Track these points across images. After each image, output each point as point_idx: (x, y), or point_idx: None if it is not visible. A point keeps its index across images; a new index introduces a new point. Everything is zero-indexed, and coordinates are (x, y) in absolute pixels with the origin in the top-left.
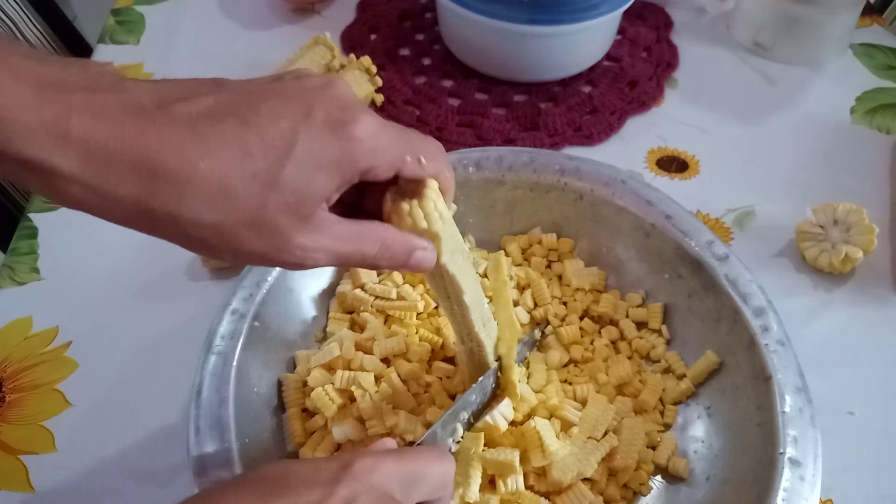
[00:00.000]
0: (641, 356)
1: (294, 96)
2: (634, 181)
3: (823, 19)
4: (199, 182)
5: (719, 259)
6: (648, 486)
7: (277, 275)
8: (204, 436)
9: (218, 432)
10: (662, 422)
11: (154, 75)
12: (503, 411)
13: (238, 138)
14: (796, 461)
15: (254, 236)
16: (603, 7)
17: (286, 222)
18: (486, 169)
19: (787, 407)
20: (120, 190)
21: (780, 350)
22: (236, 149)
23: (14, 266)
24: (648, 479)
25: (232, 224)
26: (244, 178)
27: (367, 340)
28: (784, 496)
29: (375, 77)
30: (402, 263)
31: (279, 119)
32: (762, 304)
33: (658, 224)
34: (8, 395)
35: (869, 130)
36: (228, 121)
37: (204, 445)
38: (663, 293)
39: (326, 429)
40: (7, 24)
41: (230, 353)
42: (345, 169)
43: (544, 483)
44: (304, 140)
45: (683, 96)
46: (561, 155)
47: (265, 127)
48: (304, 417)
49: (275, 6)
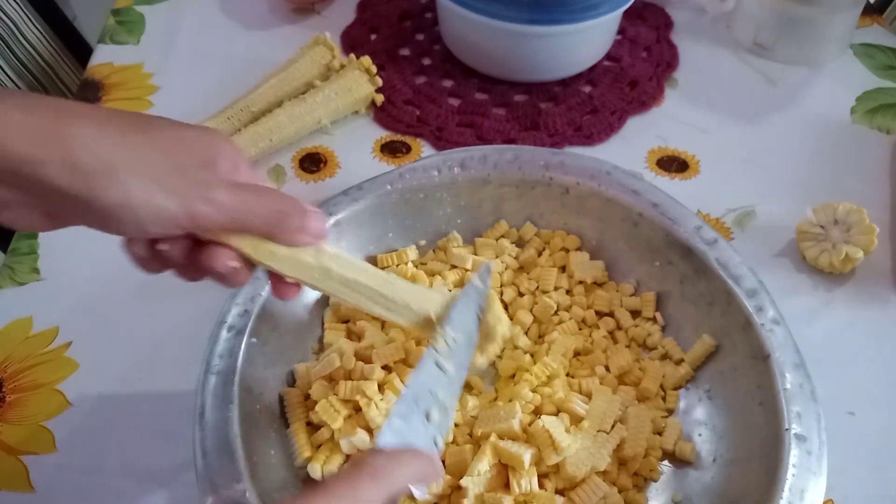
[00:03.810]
0: (639, 344)
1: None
2: (619, 172)
3: (823, 19)
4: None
5: (708, 243)
6: (658, 472)
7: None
8: (211, 459)
9: (226, 454)
10: (665, 407)
11: (154, 75)
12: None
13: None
14: (802, 436)
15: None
16: (603, 7)
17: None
18: (470, 168)
19: (788, 384)
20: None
21: (776, 329)
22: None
23: (14, 266)
24: (658, 465)
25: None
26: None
27: (365, 349)
28: (793, 472)
29: (375, 77)
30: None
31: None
32: (754, 285)
33: (646, 213)
34: (8, 396)
35: (869, 130)
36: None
37: (212, 468)
38: (655, 280)
39: (334, 441)
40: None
41: (230, 372)
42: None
43: (558, 479)
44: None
45: (683, 96)
46: (545, 151)
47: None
48: (310, 431)
49: (275, 6)
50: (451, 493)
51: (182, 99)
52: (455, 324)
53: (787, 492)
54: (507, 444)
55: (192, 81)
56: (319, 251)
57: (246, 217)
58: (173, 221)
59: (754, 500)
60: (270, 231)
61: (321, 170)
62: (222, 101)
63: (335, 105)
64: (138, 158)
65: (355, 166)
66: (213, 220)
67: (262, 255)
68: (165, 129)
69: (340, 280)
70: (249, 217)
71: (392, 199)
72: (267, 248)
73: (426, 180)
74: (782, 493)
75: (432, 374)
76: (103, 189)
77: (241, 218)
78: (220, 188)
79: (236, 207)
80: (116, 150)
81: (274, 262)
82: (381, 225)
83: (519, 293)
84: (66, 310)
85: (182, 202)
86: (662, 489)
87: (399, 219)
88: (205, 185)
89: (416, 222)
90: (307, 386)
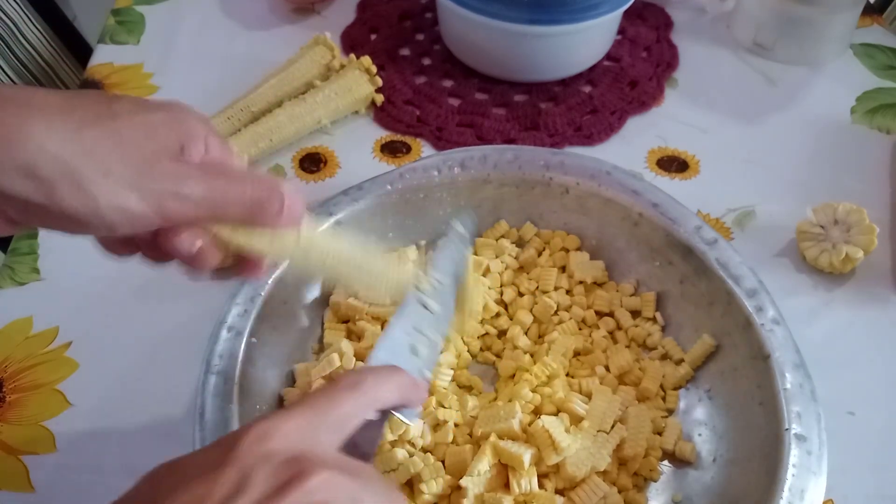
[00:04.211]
0: (639, 344)
1: None
2: (619, 172)
3: (823, 19)
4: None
5: (708, 243)
6: (658, 472)
7: (271, 288)
8: None
9: None
10: (665, 407)
11: (154, 75)
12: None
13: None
14: (802, 436)
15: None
16: (603, 7)
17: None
18: (470, 168)
19: (788, 384)
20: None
21: (776, 329)
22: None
23: (14, 266)
24: (658, 464)
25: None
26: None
27: (365, 349)
28: (794, 472)
29: (375, 77)
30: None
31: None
32: (754, 284)
33: (646, 213)
34: (8, 396)
35: (869, 130)
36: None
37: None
38: (655, 280)
39: None
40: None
41: (230, 372)
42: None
43: (558, 479)
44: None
45: (683, 96)
46: (545, 151)
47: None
48: None
49: (275, 6)
50: (451, 493)
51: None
52: (438, 266)
53: (787, 492)
54: (507, 444)
55: (192, 81)
56: (297, 229)
57: (222, 209)
58: (144, 221)
59: (754, 500)
60: (249, 219)
61: (321, 170)
62: (222, 101)
63: (335, 105)
64: (102, 158)
65: (355, 166)
66: (188, 216)
67: (241, 238)
68: (130, 115)
69: (320, 256)
70: (226, 208)
71: (392, 199)
72: (244, 230)
73: (426, 180)
74: (782, 493)
75: (417, 313)
76: (65, 196)
77: (217, 210)
78: (191, 180)
79: (211, 199)
80: (76, 150)
81: (253, 243)
82: (381, 225)
83: (519, 293)
84: (66, 310)
85: (152, 201)
86: (662, 489)
87: (399, 219)
88: (175, 179)
89: (416, 222)
90: (307, 386)
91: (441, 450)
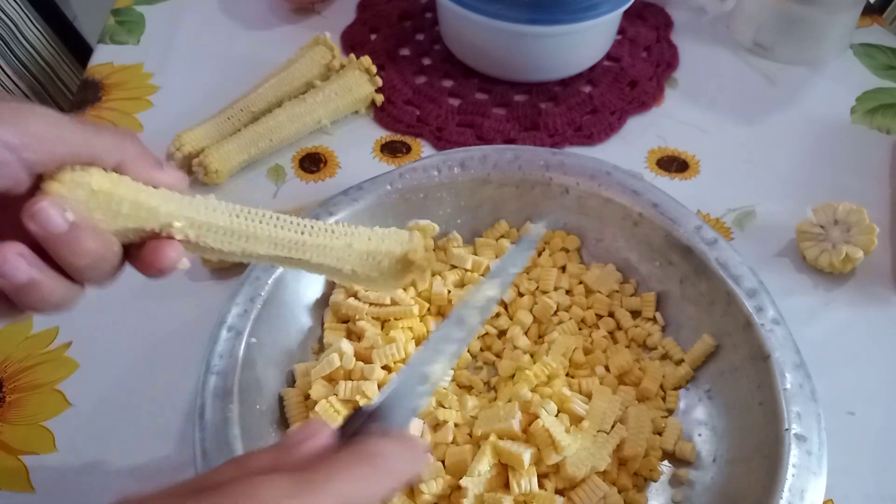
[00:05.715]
0: (639, 344)
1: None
2: (619, 172)
3: (823, 19)
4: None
5: (708, 243)
6: (658, 472)
7: (271, 289)
8: (212, 458)
9: (226, 454)
10: (665, 407)
11: (154, 75)
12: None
13: None
14: (802, 437)
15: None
16: (603, 7)
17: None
18: (471, 168)
19: (788, 384)
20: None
21: (776, 329)
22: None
23: None
24: (658, 464)
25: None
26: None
27: (366, 349)
28: (793, 472)
29: (375, 77)
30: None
31: None
32: (754, 285)
33: (646, 213)
34: (8, 396)
35: (869, 130)
36: None
37: (212, 468)
38: (655, 280)
39: None
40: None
41: (230, 372)
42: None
43: (558, 479)
44: None
45: (683, 96)
46: (545, 151)
47: None
48: None
49: (275, 6)
50: (451, 493)
51: (182, 99)
52: (495, 279)
53: (787, 492)
54: (506, 443)
55: (192, 81)
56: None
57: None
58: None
59: (754, 500)
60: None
61: (321, 170)
62: (222, 101)
63: (335, 105)
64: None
65: (355, 166)
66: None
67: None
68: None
69: (289, 248)
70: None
71: (392, 199)
72: (204, 220)
73: (426, 180)
74: (782, 493)
75: (454, 326)
76: None
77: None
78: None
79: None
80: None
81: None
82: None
83: (519, 293)
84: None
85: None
86: (662, 489)
87: (399, 219)
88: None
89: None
90: (307, 386)
91: (441, 450)
